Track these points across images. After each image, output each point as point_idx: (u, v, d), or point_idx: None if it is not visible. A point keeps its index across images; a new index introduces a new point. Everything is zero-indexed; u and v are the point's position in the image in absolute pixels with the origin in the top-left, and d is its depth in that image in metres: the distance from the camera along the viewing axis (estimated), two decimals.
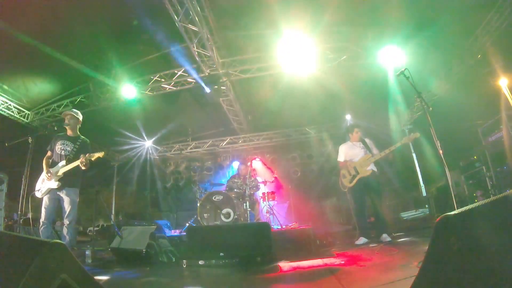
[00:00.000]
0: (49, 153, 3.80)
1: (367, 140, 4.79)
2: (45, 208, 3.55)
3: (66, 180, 3.60)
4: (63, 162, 3.63)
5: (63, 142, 3.78)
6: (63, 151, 3.73)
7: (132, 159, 10.63)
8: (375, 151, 4.64)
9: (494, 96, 6.18)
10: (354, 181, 4.54)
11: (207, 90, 6.39)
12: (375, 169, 4.57)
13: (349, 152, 4.79)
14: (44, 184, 3.63)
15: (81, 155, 3.51)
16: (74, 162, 3.54)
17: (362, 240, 4.34)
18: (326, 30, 6.14)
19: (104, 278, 3.04)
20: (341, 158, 4.84)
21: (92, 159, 3.53)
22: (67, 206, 3.56)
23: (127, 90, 6.94)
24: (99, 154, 3.55)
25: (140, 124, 8.93)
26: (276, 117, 9.37)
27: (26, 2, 4.83)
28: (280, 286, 2.48)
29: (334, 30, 6.13)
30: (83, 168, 3.55)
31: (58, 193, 3.60)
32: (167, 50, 6.52)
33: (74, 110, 4.09)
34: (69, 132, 3.89)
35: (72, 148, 3.74)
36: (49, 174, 3.59)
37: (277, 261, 3.37)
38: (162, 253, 3.94)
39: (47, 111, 7.74)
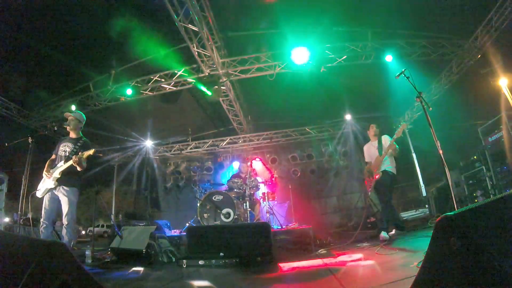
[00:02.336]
0: (53, 156, 3.85)
1: (383, 138, 4.69)
2: (45, 208, 3.56)
3: (63, 180, 3.61)
4: (62, 163, 3.65)
5: (64, 144, 3.83)
6: (63, 152, 3.76)
7: (132, 159, 10.64)
8: (385, 147, 4.54)
9: (494, 96, 6.18)
10: (372, 186, 4.60)
11: (209, 93, 6.41)
12: (388, 169, 4.49)
13: (367, 153, 4.83)
14: (43, 184, 3.66)
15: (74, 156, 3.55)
16: (68, 162, 3.57)
17: (394, 232, 4.34)
18: (326, 30, 6.15)
19: (104, 278, 3.04)
20: (365, 158, 4.88)
21: (84, 157, 3.55)
22: (65, 206, 3.57)
23: (127, 90, 6.95)
24: (90, 152, 3.57)
25: (140, 124, 8.93)
26: (276, 117, 9.37)
27: (26, 2, 4.83)
28: (280, 286, 2.48)
29: (334, 30, 6.14)
30: (78, 168, 3.57)
31: (56, 193, 3.61)
32: (167, 50, 6.52)
33: (77, 112, 4.10)
34: (71, 134, 3.93)
35: (72, 149, 3.76)
36: (48, 174, 3.62)
37: (277, 261, 3.37)
38: (162, 253, 3.94)
39: (47, 111, 7.75)
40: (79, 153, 3.57)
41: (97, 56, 6.35)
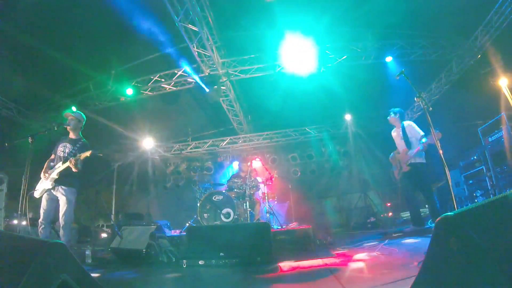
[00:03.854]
0: (52, 156, 3.85)
1: (406, 126, 4.32)
2: (43, 208, 3.56)
3: (62, 180, 3.62)
4: (60, 164, 3.65)
5: (63, 145, 3.82)
6: (62, 153, 3.76)
7: (132, 159, 10.63)
8: (414, 140, 4.22)
9: (494, 96, 6.18)
10: (399, 175, 4.46)
11: (207, 89, 6.41)
12: (417, 161, 4.24)
13: (395, 141, 4.51)
14: (41, 184, 3.66)
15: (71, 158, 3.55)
16: (66, 164, 3.57)
17: (411, 228, 4.23)
18: (326, 30, 6.15)
19: (104, 278, 3.04)
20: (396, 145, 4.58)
21: (81, 158, 3.55)
22: (62, 205, 3.57)
23: (127, 90, 6.95)
24: (87, 154, 3.57)
25: (140, 124, 8.92)
26: (276, 117, 9.36)
27: (27, 2, 4.83)
28: (280, 286, 2.48)
29: (334, 30, 6.14)
30: (74, 170, 3.57)
31: (54, 193, 3.61)
32: (167, 50, 6.52)
33: (77, 112, 4.10)
34: (70, 135, 3.92)
35: (70, 150, 3.76)
36: (46, 175, 3.63)
37: (277, 261, 3.37)
38: (162, 253, 3.94)
39: (47, 111, 7.74)
40: (77, 156, 3.57)
41: (97, 56, 6.35)
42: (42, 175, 3.69)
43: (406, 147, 4.29)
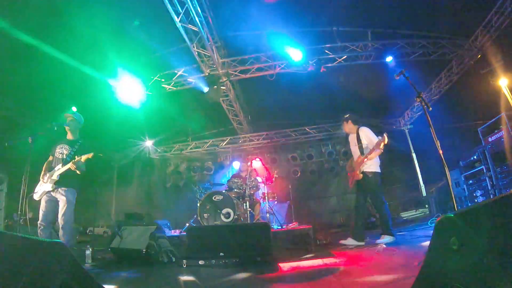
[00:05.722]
0: (50, 158, 3.84)
1: (361, 132, 4.21)
2: (42, 210, 3.55)
3: (62, 182, 3.61)
4: (59, 165, 3.64)
5: (61, 146, 3.81)
6: (60, 155, 3.75)
7: (132, 159, 10.63)
8: (369, 146, 4.10)
9: (494, 96, 6.18)
10: (352, 183, 4.47)
11: (205, 89, 6.43)
12: (369, 170, 4.14)
13: (350, 147, 4.39)
14: (41, 187, 3.65)
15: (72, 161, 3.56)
16: (66, 166, 3.57)
17: (348, 240, 4.16)
18: (326, 30, 6.15)
19: (104, 278, 3.04)
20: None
21: (82, 160, 3.55)
22: (62, 205, 3.57)
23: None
24: (88, 156, 3.57)
25: (140, 124, 8.92)
26: (276, 117, 9.37)
27: (26, 1, 4.83)
28: (280, 286, 2.48)
29: (334, 30, 6.14)
30: (77, 171, 3.57)
31: (54, 194, 3.60)
32: (167, 50, 6.52)
33: (76, 113, 4.09)
34: (69, 136, 3.91)
35: (69, 151, 3.75)
36: (45, 177, 3.62)
37: (277, 261, 3.37)
38: (162, 253, 3.94)
39: (47, 111, 7.73)
40: (76, 158, 3.56)
41: (97, 56, 6.34)
42: (41, 177, 3.68)
43: (360, 153, 4.16)
